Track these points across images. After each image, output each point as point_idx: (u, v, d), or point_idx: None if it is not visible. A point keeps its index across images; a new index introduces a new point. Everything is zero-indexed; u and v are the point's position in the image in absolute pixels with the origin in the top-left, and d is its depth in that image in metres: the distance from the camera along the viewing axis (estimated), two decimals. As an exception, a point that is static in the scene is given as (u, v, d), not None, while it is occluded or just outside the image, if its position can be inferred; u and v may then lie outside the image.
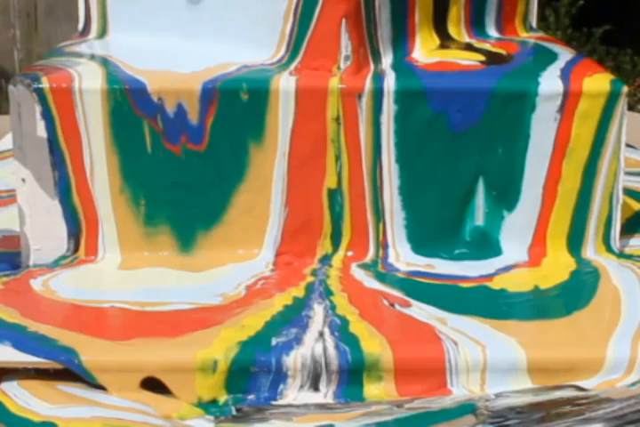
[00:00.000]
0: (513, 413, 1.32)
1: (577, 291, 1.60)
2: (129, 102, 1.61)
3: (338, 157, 1.64)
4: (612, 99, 1.62)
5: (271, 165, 1.64)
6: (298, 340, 1.41)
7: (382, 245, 1.68)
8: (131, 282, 1.60)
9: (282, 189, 1.65)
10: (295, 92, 1.60)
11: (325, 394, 1.38)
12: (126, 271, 1.64)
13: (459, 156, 1.65)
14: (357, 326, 1.45)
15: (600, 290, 1.59)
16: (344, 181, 1.65)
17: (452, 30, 1.82)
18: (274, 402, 1.37)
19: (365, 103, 1.61)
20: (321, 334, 1.42)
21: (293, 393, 1.38)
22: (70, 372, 1.38)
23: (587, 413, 1.32)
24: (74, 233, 1.66)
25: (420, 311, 1.50)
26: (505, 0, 1.89)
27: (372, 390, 1.39)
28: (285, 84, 1.60)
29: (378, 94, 1.61)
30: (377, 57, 1.67)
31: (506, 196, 1.67)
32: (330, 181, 1.65)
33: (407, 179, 1.66)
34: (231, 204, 1.66)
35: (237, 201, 1.66)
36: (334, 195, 1.66)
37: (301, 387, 1.38)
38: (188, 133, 1.62)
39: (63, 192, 1.63)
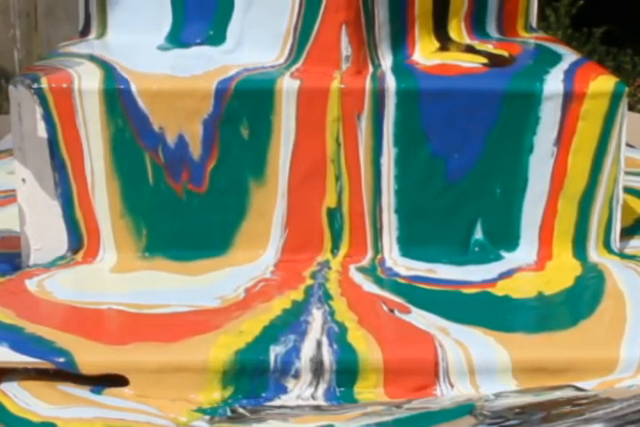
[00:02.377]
0: (513, 413, 1.32)
1: (582, 297, 1.58)
2: (130, 129, 1.61)
3: (338, 177, 1.64)
4: (614, 101, 1.62)
5: (273, 203, 1.65)
6: (295, 350, 1.39)
7: (380, 262, 1.68)
8: (129, 283, 1.60)
9: (282, 213, 1.65)
10: (297, 92, 1.60)
11: (316, 398, 1.38)
12: (124, 273, 1.63)
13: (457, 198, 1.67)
14: (355, 335, 1.43)
15: (605, 295, 1.56)
16: (344, 200, 1.65)
17: (452, 32, 1.82)
18: (268, 403, 1.37)
19: (366, 104, 1.61)
20: (319, 345, 1.41)
21: (286, 399, 1.38)
22: (71, 372, 1.38)
23: (587, 413, 1.32)
24: (74, 246, 1.66)
25: (421, 319, 1.48)
26: (505, 0, 1.89)
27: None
28: (287, 84, 1.60)
29: (377, 95, 1.60)
30: (377, 60, 1.67)
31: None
32: (329, 201, 1.65)
33: (406, 202, 1.66)
34: (232, 240, 1.67)
35: (239, 237, 1.66)
36: (334, 214, 1.66)
37: (295, 391, 1.38)
38: (189, 170, 1.63)
39: (65, 199, 1.63)
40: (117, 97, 1.59)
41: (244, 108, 1.61)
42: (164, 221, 1.65)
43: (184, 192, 1.64)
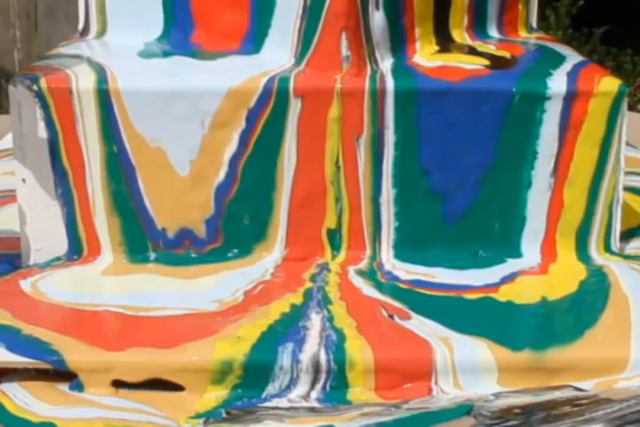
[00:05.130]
0: (512, 413, 1.32)
1: (587, 303, 1.56)
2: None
3: (338, 199, 1.64)
4: (617, 102, 1.62)
5: (271, 249, 1.66)
6: (292, 359, 1.38)
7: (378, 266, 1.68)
8: (125, 285, 1.59)
9: (283, 238, 1.66)
10: (297, 93, 1.60)
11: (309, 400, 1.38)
12: (121, 274, 1.63)
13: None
14: (353, 345, 1.40)
15: (610, 300, 1.55)
16: (344, 221, 1.65)
17: (453, 33, 1.82)
18: (262, 405, 1.36)
19: (365, 105, 1.61)
20: (316, 355, 1.38)
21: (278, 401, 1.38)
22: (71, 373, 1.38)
23: (587, 413, 1.32)
24: (74, 252, 1.66)
25: (422, 327, 1.45)
26: (506, 0, 1.89)
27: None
28: (287, 85, 1.60)
29: (376, 96, 1.60)
30: (378, 62, 1.67)
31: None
32: (329, 222, 1.65)
33: (406, 224, 1.67)
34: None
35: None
36: (334, 234, 1.66)
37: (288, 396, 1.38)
38: (192, 242, 1.66)
39: (65, 201, 1.63)
40: (109, 98, 1.59)
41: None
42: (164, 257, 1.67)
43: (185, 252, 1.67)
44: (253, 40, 1.72)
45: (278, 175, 1.63)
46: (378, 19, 1.66)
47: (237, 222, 1.65)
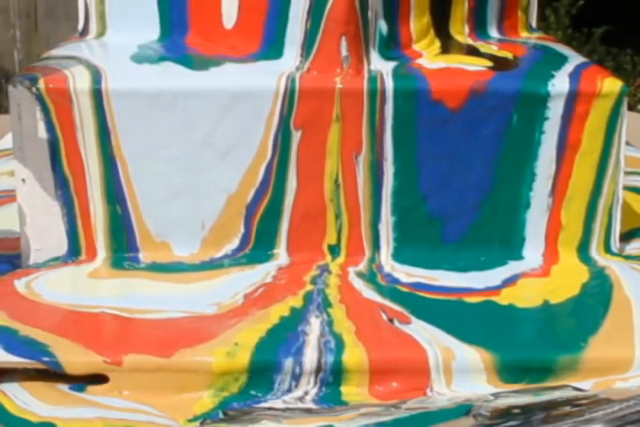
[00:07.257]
0: (512, 414, 1.32)
1: (589, 307, 1.54)
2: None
3: (337, 216, 1.64)
4: (618, 103, 1.62)
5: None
6: (290, 368, 1.37)
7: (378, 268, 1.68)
8: (123, 287, 1.58)
9: (284, 251, 1.67)
10: (297, 94, 1.60)
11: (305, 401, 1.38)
12: (118, 275, 1.62)
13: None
14: (352, 353, 1.39)
15: (613, 303, 1.54)
16: (343, 236, 1.66)
17: (454, 33, 1.82)
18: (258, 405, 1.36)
19: (365, 104, 1.61)
20: (314, 364, 1.38)
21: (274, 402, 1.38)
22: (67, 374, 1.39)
23: (587, 413, 1.32)
24: (72, 254, 1.66)
25: (422, 331, 1.44)
26: (506, 1, 1.89)
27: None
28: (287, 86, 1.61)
29: (375, 97, 1.60)
30: (378, 64, 1.67)
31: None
32: (330, 238, 1.66)
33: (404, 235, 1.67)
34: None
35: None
36: (334, 249, 1.66)
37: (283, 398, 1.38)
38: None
39: (65, 202, 1.64)
40: (103, 97, 1.59)
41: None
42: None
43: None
44: (256, 45, 1.73)
45: (282, 205, 1.65)
46: (379, 18, 1.66)
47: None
